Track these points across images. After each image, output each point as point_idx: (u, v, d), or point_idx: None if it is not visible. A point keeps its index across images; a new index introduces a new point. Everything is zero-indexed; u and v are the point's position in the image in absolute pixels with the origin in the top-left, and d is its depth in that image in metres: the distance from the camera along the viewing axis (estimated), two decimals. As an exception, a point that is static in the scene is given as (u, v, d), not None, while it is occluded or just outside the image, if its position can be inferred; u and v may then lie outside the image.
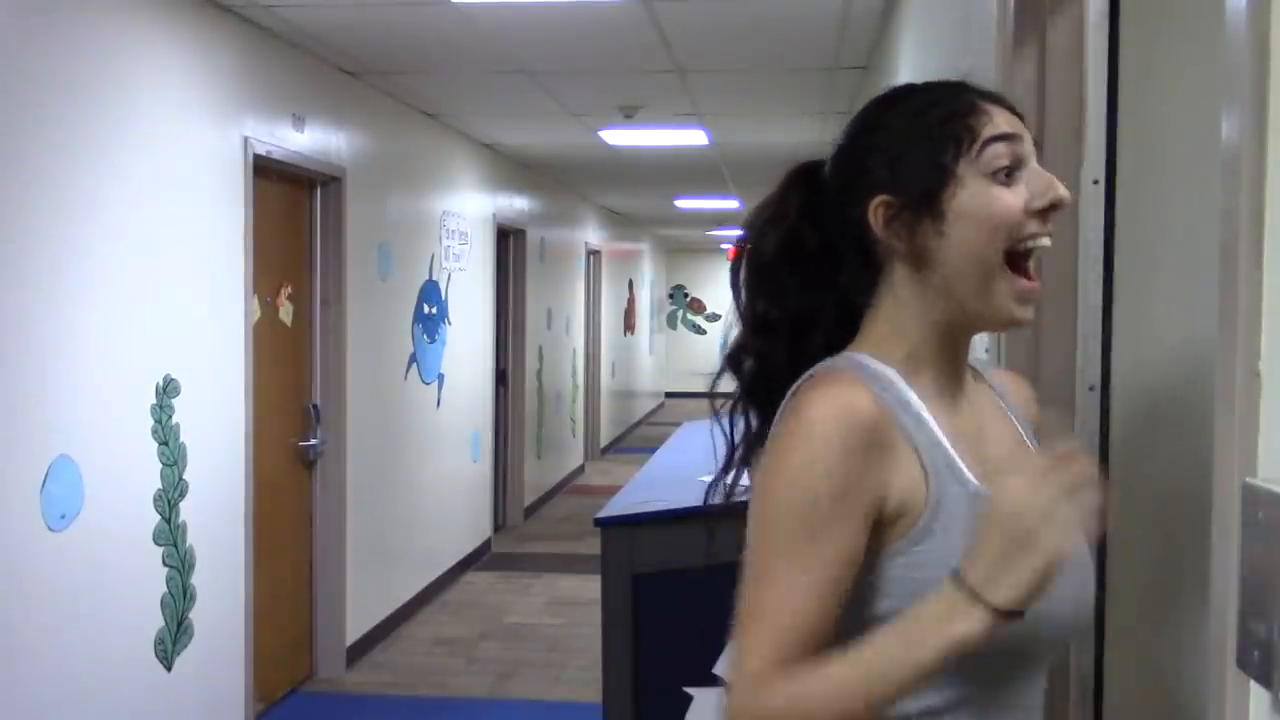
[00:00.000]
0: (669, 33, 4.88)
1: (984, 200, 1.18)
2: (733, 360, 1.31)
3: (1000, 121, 1.20)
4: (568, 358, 11.15)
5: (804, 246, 1.27)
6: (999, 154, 1.18)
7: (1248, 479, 0.94)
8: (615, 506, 2.45)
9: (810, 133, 7.45)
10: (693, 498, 2.38)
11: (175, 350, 4.08)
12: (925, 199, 1.19)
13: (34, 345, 3.36)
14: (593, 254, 12.44)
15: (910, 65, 3.81)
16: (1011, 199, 1.18)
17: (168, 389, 4.03)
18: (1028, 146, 1.20)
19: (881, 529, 1.14)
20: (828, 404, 1.13)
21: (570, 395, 11.30)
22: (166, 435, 4.03)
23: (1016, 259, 1.18)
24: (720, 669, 2.23)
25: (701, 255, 20.06)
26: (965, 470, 1.17)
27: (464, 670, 5.71)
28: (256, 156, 4.64)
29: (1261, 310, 0.93)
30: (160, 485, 3.99)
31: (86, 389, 3.58)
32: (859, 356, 1.21)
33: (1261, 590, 0.91)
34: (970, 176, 1.18)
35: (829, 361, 1.22)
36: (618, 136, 7.51)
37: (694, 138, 7.56)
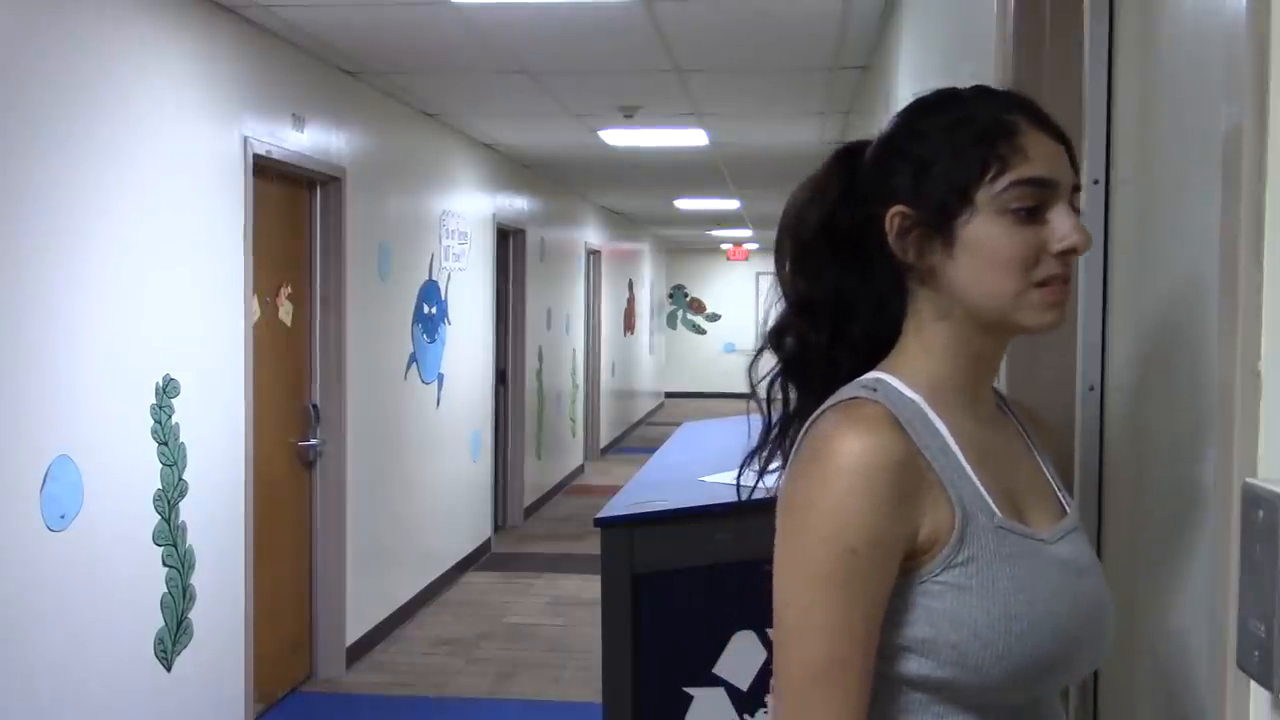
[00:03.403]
0: (669, 33, 4.88)
1: (993, 236, 1.14)
2: (774, 338, 1.28)
3: (1037, 158, 1.14)
4: (568, 358, 11.15)
5: (841, 230, 1.24)
6: (1021, 197, 1.13)
7: (1248, 479, 0.94)
8: (615, 506, 2.44)
9: (810, 133, 7.45)
10: (693, 498, 2.38)
11: (175, 350, 4.08)
12: (938, 219, 1.16)
13: (34, 345, 3.36)
14: (593, 254, 12.44)
15: (910, 65, 3.81)
16: (1022, 242, 1.14)
17: (168, 389, 4.03)
18: (1063, 186, 1.15)
19: (909, 558, 1.12)
20: (857, 446, 1.10)
21: (570, 395, 11.30)
22: (166, 435, 4.03)
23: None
24: (723, 671, 2.23)
25: (701, 255, 20.05)
26: (990, 501, 1.15)
27: (464, 670, 5.71)
28: (256, 156, 4.64)
29: (1261, 310, 0.93)
30: (160, 485, 3.99)
31: (86, 389, 3.58)
32: (887, 380, 1.18)
33: (1261, 590, 0.91)
34: (987, 208, 1.14)
35: (854, 388, 1.18)
36: (618, 136, 7.51)
37: (694, 138, 7.56)
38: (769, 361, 1.30)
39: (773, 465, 1.26)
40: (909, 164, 1.19)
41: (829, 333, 1.24)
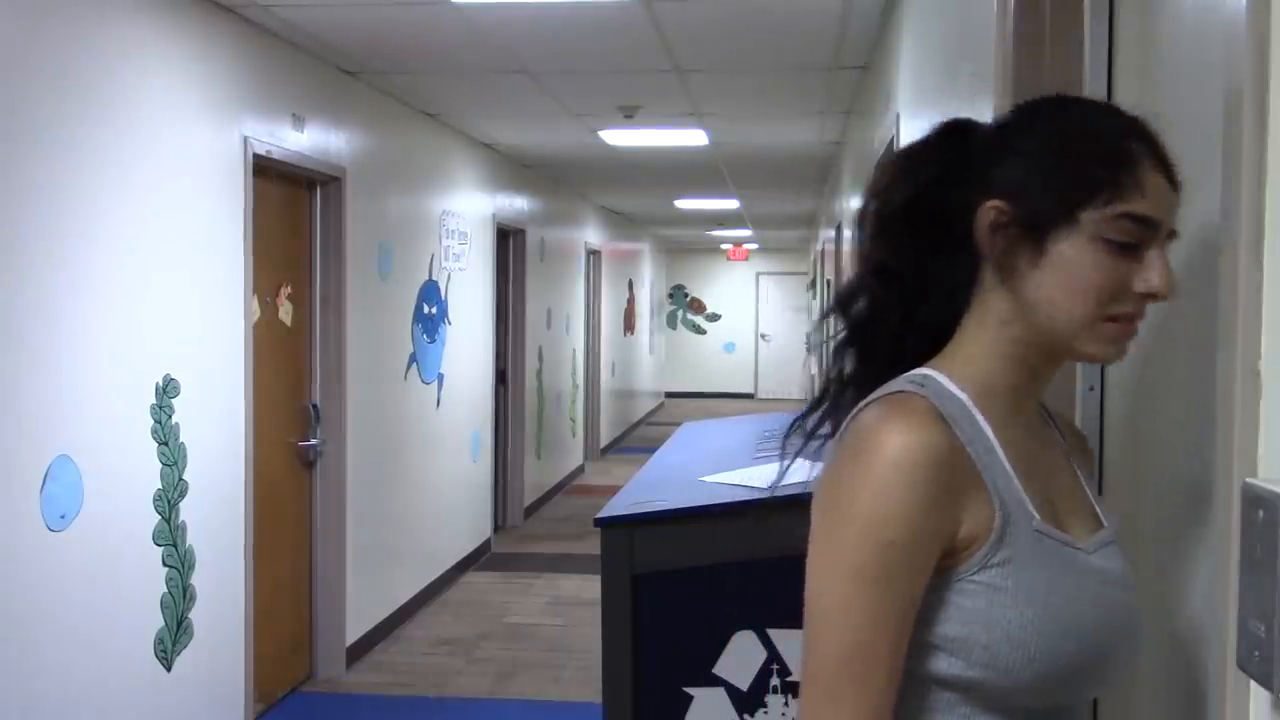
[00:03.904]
0: (669, 33, 4.88)
1: (1083, 260, 1.12)
2: (845, 300, 1.24)
3: (1151, 195, 1.12)
4: (568, 358, 11.16)
5: (927, 210, 1.21)
6: (1124, 231, 1.11)
7: (1248, 479, 0.94)
8: (615, 506, 2.44)
9: (810, 133, 7.45)
10: (693, 498, 2.38)
11: (175, 350, 4.08)
12: (1035, 226, 1.14)
13: (34, 345, 3.36)
14: (593, 254, 12.44)
15: (910, 65, 3.81)
16: (1109, 274, 1.12)
17: (168, 389, 4.03)
18: (1163, 230, 1.13)
19: (947, 556, 1.11)
20: (901, 440, 1.08)
21: (570, 395, 11.30)
22: (166, 435, 4.03)
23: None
24: (723, 671, 2.23)
25: (701, 255, 20.06)
26: (1029, 505, 1.14)
27: (464, 670, 5.71)
28: (256, 156, 4.64)
29: (1261, 310, 0.93)
30: (160, 485, 3.99)
31: (86, 389, 3.58)
32: (935, 376, 1.17)
33: (1261, 590, 0.91)
34: (1086, 230, 1.12)
35: (901, 382, 1.17)
36: (618, 136, 7.51)
37: (694, 138, 7.56)
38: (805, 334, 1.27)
39: (821, 430, 1.23)
40: (1021, 162, 1.16)
41: (900, 309, 1.22)
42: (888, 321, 1.22)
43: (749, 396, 20.03)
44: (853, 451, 1.12)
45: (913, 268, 1.21)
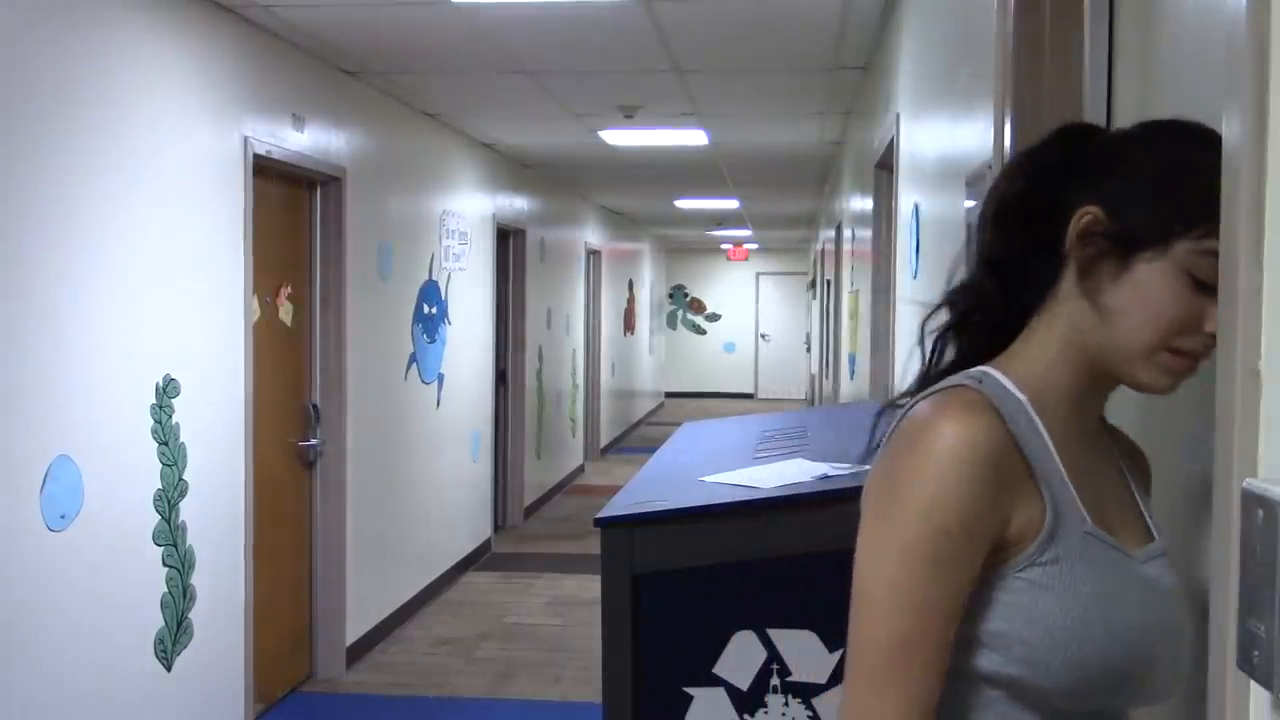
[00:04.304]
0: (669, 33, 4.88)
1: (1163, 288, 1.12)
2: (959, 291, 1.25)
3: None
4: (568, 358, 11.16)
5: (1037, 204, 1.21)
6: (1210, 268, 1.08)
7: (1248, 479, 0.94)
8: (615, 506, 2.44)
9: (810, 133, 7.45)
10: (693, 498, 2.38)
11: (175, 350, 4.08)
12: (1126, 241, 1.14)
13: (34, 345, 3.36)
14: (593, 254, 12.44)
15: (910, 65, 3.81)
16: (1185, 307, 1.12)
17: (168, 389, 4.03)
18: None
19: (996, 551, 1.11)
20: (958, 432, 1.09)
21: (570, 395, 11.30)
22: (166, 435, 4.03)
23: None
24: (723, 671, 2.23)
25: (701, 255, 20.06)
26: (1082, 508, 1.14)
27: (464, 670, 5.71)
28: (256, 156, 4.64)
29: (1261, 310, 0.93)
30: (160, 485, 3.99)
31: (86, 389, 3.58)
32: (994, 374, 1.17)
33: (1261, 590, 0.91)
34: (1175, 259, 1.12)
35: (960, 377, 1.17)
36: (618, 136, 7.51)
37: (694, 138, 7.56)
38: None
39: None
40: (1129, 177, 1.16)
41: (1005, 303, 1.22)
42: (992, 314, 1.23)
43: (749, 396, 20.04)
44: (908, 444, 1.12)
45: (1019, 262, 1.21)
